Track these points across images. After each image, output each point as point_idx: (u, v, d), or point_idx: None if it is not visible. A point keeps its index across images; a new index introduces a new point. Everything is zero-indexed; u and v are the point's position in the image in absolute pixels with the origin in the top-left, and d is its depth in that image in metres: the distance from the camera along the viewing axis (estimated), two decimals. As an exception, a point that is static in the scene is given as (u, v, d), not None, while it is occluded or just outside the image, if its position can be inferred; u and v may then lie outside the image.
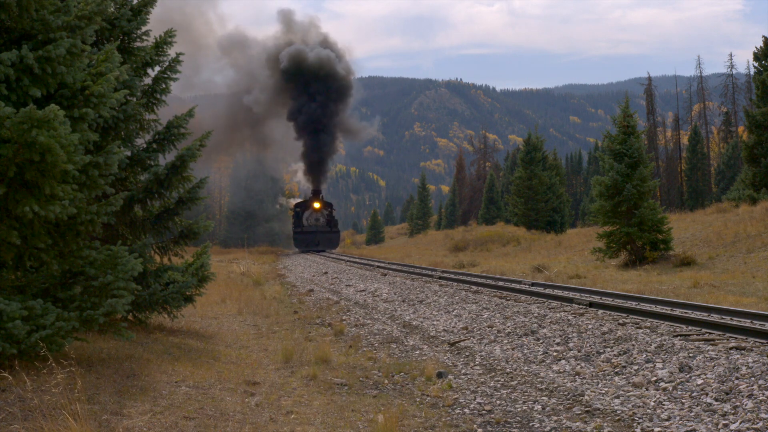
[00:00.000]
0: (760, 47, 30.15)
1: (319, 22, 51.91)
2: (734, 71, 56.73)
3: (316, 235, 46.52)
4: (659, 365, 7.28)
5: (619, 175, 21.25)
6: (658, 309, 10.33)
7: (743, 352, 7.06)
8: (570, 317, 10.07)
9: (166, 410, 6.03)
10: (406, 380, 8.21)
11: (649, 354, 7.69)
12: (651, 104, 58.09)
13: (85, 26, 6.74)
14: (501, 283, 15.35)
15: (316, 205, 47.70)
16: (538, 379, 7.72)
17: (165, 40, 9.90)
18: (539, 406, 6.82)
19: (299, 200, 55.52)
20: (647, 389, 6.79)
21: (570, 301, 11.53)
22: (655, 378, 6.98)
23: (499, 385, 7.74)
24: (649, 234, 20.93)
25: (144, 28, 9.68)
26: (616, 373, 7.48)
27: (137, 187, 9.61)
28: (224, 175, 78.22)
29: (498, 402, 7.11)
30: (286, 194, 79.79)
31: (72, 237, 6.83)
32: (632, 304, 10.83)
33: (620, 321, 9.42)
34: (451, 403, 7.11)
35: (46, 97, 6.51)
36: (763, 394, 5.90)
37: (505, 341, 9.68)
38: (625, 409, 6.34)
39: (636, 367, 7.44)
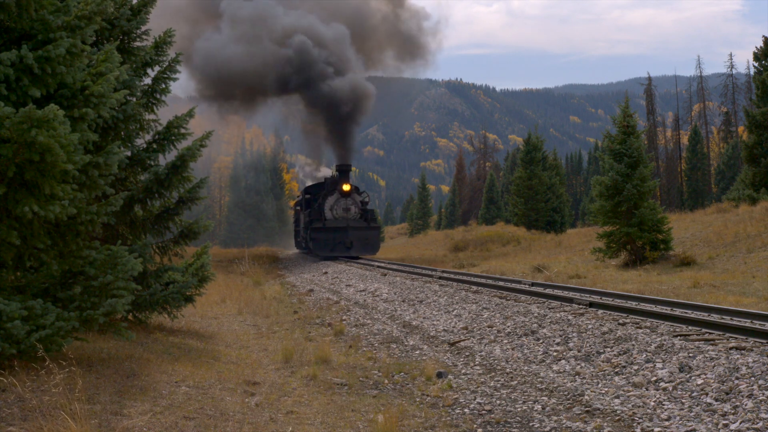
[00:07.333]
0: (760, 47, 30.14)
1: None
2: (734, 71, 56.80)
3: (347, 232, 29.35)
4: (659, 365, 7.28)
5: (619, 175, 21.25)
6: (658, 309, 10.33)
7: (743, 352, 7.05)
8: (570, 317, 10.06)
9: (166, 410, 6.03)
10: (406, 380, 8.21)
11: (649, 354, 7.69)
12: (651, 104, 58.13)
13: (85, 26, 6.74)
14: (501, 283, 15.34)
15: (346, 187, 30.29)
16: (538, 379, 7.71)
17: (165, 40, 9.92)
18: (539, 406, 6.82)
19: (311, 183, 40.26)
20: (647, 389, 6.79)
21: (570, 301, 11.52)
22: (655, 378, 6.98)
23: (499, 385, 7.74)
24: (649, 234, 20.91)
25: (144, 28, 9.69)
26: (616, 373, 7.48)
27: (137, 187, 9.61)
28: (224, 175, 78.15)
29: (498, 402, 7.11)
30: (286, 194, 79.43)
31: (72, 237, 6.83)
32: (632, 304, 10.83)
33: (620, 321, 9.41)
34: (451, 403, 7.10)
35: (46, 97, 6.51)
36: (763, 394, 5.90)
37: (505, 341, 9.68)
38: (625, 409, 6.33)
39: (636, 367, 7.44)
